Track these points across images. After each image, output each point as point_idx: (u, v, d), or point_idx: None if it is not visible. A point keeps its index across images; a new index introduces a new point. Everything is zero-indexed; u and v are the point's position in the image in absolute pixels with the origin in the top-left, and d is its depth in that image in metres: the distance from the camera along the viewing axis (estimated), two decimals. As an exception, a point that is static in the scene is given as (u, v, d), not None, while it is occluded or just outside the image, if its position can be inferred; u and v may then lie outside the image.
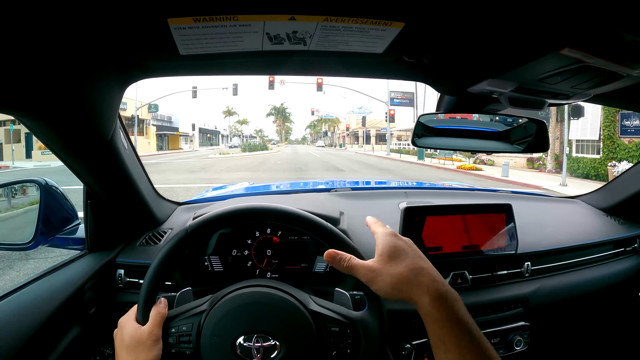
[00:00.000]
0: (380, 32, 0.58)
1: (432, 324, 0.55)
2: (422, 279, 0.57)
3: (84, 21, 0.50)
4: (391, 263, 0.60)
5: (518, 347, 1.08)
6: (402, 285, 0.58)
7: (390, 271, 0.59)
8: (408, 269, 0.59)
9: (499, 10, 0.53)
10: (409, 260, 0.60)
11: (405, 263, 0.60)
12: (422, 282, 0.57)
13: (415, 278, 0.58)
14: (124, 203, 1.02)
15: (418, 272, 0.58)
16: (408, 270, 0.58)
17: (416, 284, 0.57)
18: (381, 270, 0.60)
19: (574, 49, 0.56)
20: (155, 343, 0.66)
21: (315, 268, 1.03)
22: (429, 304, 0.55)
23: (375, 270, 0.60)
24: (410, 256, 0.61)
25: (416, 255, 0.62)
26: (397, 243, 0.63)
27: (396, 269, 0.59)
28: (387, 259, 0.61)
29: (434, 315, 0.55)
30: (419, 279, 0.57)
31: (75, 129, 0.71)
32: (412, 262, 0.60)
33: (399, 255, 0.61)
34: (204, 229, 0.74)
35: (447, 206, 1.07)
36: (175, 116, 46.62)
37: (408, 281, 0.58)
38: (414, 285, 0.57)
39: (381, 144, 45.40)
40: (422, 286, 0.57)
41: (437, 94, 0.98)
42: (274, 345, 0.67)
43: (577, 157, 14.83)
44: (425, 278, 0.58)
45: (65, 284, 0.89)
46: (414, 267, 0.59)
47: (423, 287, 0.57)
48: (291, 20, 0.54)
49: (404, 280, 0.58)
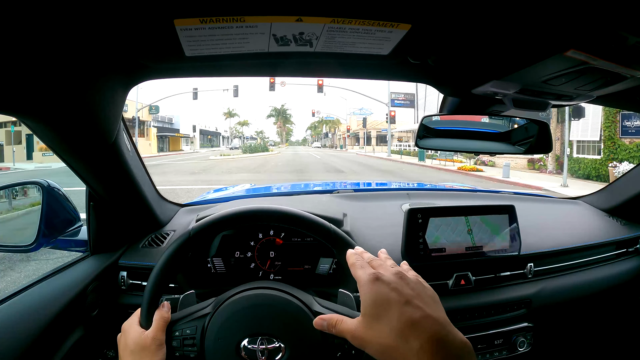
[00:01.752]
0: (386, 33, 0.58)
1: None
2: (412, 343, 0.45)
3: (89, 23, 0.50)
4: (375, 325, 0.49)
5: (521, 349, 1.08)
6: (391, 352, 0.46)
7: (375, 337, 0.48)
8: (394, 332, 0.47)
9: (505, 12, 0.53)
10: (393, 314, 0.48)
11: (389, 322, 0.47)
12: (414, 348, 0.45)
13: (404, 343, 0.45)
14: (127, 205, 1.02)
15: (406, 333, 0.46)
16: (394, 333, 0.46)
17: (405, 348, 0.45)
18: (366, 337, 0.49)
19: (578, 51, 0.56)
20: (159, 348, 0.66)
21: (318, 270, 1.03)
22: None
23: (361, 337, 0.50)
24: (395, 307, 0.48)
25: (402, 301, 0.49)
26: (378, 292, 0.50)
27: (381, 334, 0.48)
28: (370, 319, 0.50)
29: None
30: (409, 344, 0.45)
31: (79, 130, 0.70)
32: (397, 319, 0.47)
33: (382, 311, 0.49)
34: (207, 231, 0.74)
35: (451, 207, 1.07)
36: (176, 118, 46.68)
37: (396, 348, 0.46)
38: (404, 350, 0.45)
39: (382, 145, 45.39)
40: (411, 350, 0.45)
41: (437, 95, 0.98)
42: (278, 348, 0.67)
43: (577, 157, 14.81)
44: (416, 341, 0.45)
45: (68, 286, 0.89)
46: (400, 326, 0.46)
47: (412, 351, 0.44)
48: (298, 21, 0.54)
49: (392, 345, 0.46)
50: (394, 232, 1.08)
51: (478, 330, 1.03)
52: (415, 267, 1.02)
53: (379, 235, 1.12)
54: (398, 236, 1.05)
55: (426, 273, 1.05)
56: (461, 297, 1.05)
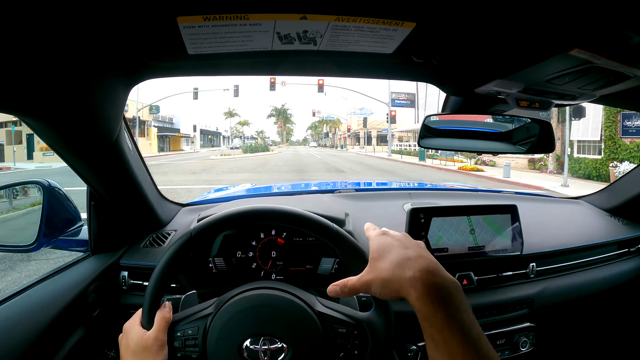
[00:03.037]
0: (391, 32, 0.58)
1: (421, 321, 0.50)
2: (407, 272, 0.53)
3: (91, 20, 0.50)
4: (378, 264, 0.57)
5: (524, 349, 1.08)
6: (390, 284, 0.54)
7: (378, 272, 0.57)
8: (392, 265, 0.55)
9: (510, 11, 0.53)
10: (393, 254, 0.57)
11: (389, 259, 0.56)
12: (407, 276, 0.52)
13: (400, 272, 0.53)
14: (128, 204, 1.02)
15: (403, 265, 0.54)
16: (392, 265, 0.55)
17: (402, 279, 0.53)
18: (370, 277, 0.58)
19: (583, 50, 0.56)
20: (161, 348, 0.65)
21: (320, 269, 1.02)
22: (416, 299, 0.51)
23: (367, 278, 0.58)
24: (395, 249, 0.58)
25: (402, 246, 0.58)
26: (383, 241, 0.60)
27: (382, 270, 0.56)
28: (374, 261, 0.59)
29: (423, 312, 0.50)
30: (404, 273, 0.53)
31: (81, 130, 0.70)
32: (396, 256, 0.56)
33: (385, 253, 0.58)
34: (209, 231, 0.73)
35: (453, 207, 1.06)
36: (176, 117, 46.66)
37: (394, 278, 0.54)
38: (401, 281, 0.53)
39: (382, 145, 45.39)
40: (407, 280, 0.52)
41: (438, 95, 0.98)
42: (281, 348, 0.67)
43: (578, 157, 14.80)
44: (410, 270, 0.53)
45: (69, 286, 0.88)
46: (398, 260, 0.55)
47: (408, 282, 0.52)
48: (302, 19, 0.53)
49: (390, 277, 0.54)
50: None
51: None
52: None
53: None
54: None
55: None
56: None
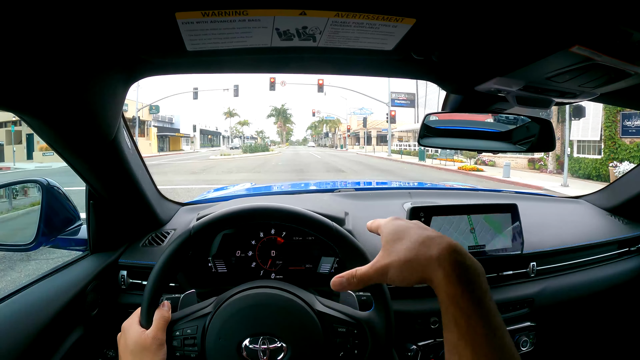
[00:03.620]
0: (391, 28, 0.58)
1: (446, 303, 0.46)
2: (432, 250, 0.49)
3: (89, 17, 0.50)
4: (397, 246, 0.52)
5: (524, 348, 1.08)
6: (412, 264, 0.49)
7: (397, 256, 0.51)
8: (416, 244, 0.50)
9: (510, 7, 0.52)
10: (413, 234, 0.52)
11: (410, 239, 0.52)
12: (434, 255, 0.48)
13: (426, 251, 0.49)
14: (127, 203, 1.02)
15: (427, 243, 0.50)
16: (416, 245, 0.50)
17: (427, 257, 0.49)
18: (386, 261, 0.52)
19: (583, 47, 0.56)
20: (160, 347, 0.65)
21: (320, 269, 1.02)
22: (443, 278, 0.46)
23: (382, 265, 0.52)
24: (414, 230, 0.54)
25: (420, 227, 0.55)
26: (398, 224, 0.56)
27: (401, 251, 0.51)
28: (391, 244, 0.53)
29: (450, 293, 0.45)
30: (429, 252, 0.49)
31: (79, 128, 0.70)
32: (417, 236, 0.52)
33: (403, 234, 0.53)
34: (208, 229, 0.73)
35: (453, 206, 1.06)
36: (176, 117, 46.67)
37: (417, 257, 0.49)
38: (425, 260, 0.49)
39: (382, 145, 45.40)
40: (434, 259, 0.48)
41: (438, 94, 0.98)
42: (280, 347, 0.66)
43: (578, 157, 14.80)
44: (436, 249, 0.48)
45: (68, 286, 0.88)
46: (421, 239, 0.51)
47: (435, 260, 0.48)
48: (302, 15, 0.53)
49: (413, 257, 0.50)
50: None
51: None
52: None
53: None
54: None
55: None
56: None
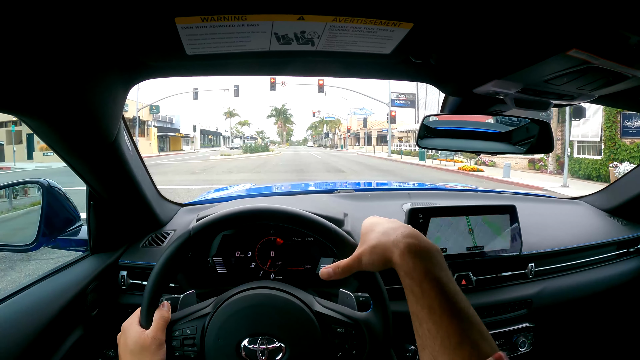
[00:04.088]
0: (388, 32, 0.58)
1: (402, 277, 0.55)
2: (391, 237, 0.58)
3: (90, 21, 0.50)
4: (367, 237, 0.63)
5: (522, 349, 1.08)
6: (377, 250, 0.60)
7: (367, 244, 0.62)
8: (379, 234, 0.61)
9: (507, 11, 0.53)
10: (380, 226, 0.63)
11: (377, 230, 0.62)
12: (391, 239, 0.58)
13: (386, 238, 0.59)
14: (127, 204, 1.02)
15: (388, 232, 0.60)
16: (379, 234, 0.61)
17: (387, 242, 0.58)
18: (361, 249, 0.63)
19: (581, 50, 0.56)
20: (159, 347, 0.65)
21: (319, 269, 1.02)
22: (399, 256, 0.56)
23: (358, 252, 0.63)
24: (383, 223, 0.64)
25: (389, 221, 0.64)
26: (372, 220, 0.67)
27: (370, 238, 0.62)
28: (364, 236, 0.64)
29: (404, 268, 0.55)
30: (389, 238, 0.59)
31: (80, 129, 0.70)
32: (383, 227, 0.62)
33: (373, 227, 0.64)
34: (207, 230, 0.73)
35: (452, 207, 1.06)
36: (176, 117, 46.65)
37: (379, 243, 0.59)
38: (386, 244, 0.58)
39: (382, 145, 45.37)
40: (391, 243, 0.58)
41: (438, 95, 0.98)
42: (279, 348, 0.67)
43: (578, 158, 14.80)
44: (393, 235, 0.58)
45: (68, 286, 0.88)
46: (384, 230, 0.61)
47: (392, 244, 0.57)
48: (300, 20, 0.54)
49: (377, 244, 0.60)
50: None
51: None
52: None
53: None
54: None
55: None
56: None
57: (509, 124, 0.99)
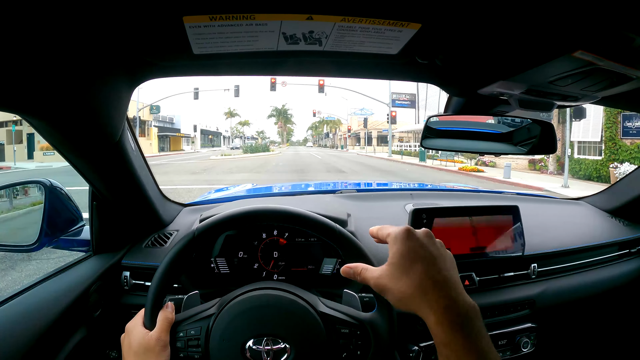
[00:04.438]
0: (396, 33, 0.58)
1: (438, 345, 0.50)
2: (429, 295, 0.51)
3: (96, 20, 0.50)
4: (399, 274, 0.54)
5: (525, 349, 1.08)
6: (408, 301, 0.53)
7: (397, 285, 0.53)
8: (415, 283, 0.52)
9: (514, 12, 0.53)
10: (419, 270, 0.53)
11: (413, 275, 0.53)
12: (428, 298, 0.51)
13: (422, 294, 0.51)
14: (130, 204, 1.02)
15: (426, 287, 0.52)
16: (415, 284, 0.52)
17: (422, 300, 0.51)
18: (389, 284, 0.54)
19: (586, 52, 0.56)
20: (164, 349, 0.65)
21: (322, 270, 1.02)
22: (434, 323, 0.49)
23: (384, 284, 0.55)
24: (420, 263, 0.54)
25: (428, 258, 0.54)
26: (409, 246, 0.55)
27: (403, 284, 0.53)
28: (396, 269, 0.54)
29: (442, 338, 0.49)
30: (426, 295, 0.51)
31: (84, 129, 0.70)
32: (421, 275, 0.53)
33: (410, 265, 0.54)
34: (211, 231, 0.73)
35: (455, 208, 1.06)
36: (177, 117, 46.69)
37: (414, 297, 0.52)
38: (420, 301, 0.51)
39: (383, 146, 45.36)
40: (427, 302, 0.51)
41: (439, 95, 0.98)
42: (283, 348, 0.67)
43: (578, 158, 14.80)
44: (432, 294, 0.51)
45: (71, 287, 0.88)
46: (423, 282, 0.52)
47: (427, 304, 0.50)
48: (309, 19, 0.54)
49: (409, 295, 0.52)
50: None
51: None
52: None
53: None
54: None
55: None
56: None
57: (512, 124, 0.99)
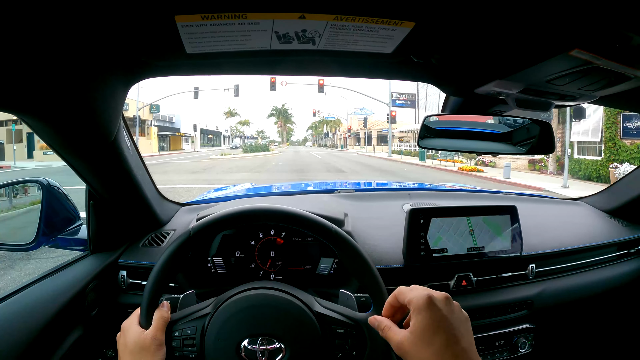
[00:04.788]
0: (390, 31, 0.58)
1: None
2: None
3: (89, 19, 0.50)
4: (421, 344, 0.55)
5: (523, 350, 1.07)
6: None
7: (419, 354, 0.54)
8: (436, 355, 0.53)
9: (510, 11, 0.52)
10: (441, 341, 0.54)
11: (435, 347, 0.53)
12: None
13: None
14: (127, 204, 1.02)
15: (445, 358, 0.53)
16: (436, 355, 0.53)
17: None
18: (411, 351, 0.55)
19: (583, 50, 0.56)
20: (159, 348, 0.65)
21: (319, 270, 1.02)
22: None
23: (406, 350, 0.56)
24: (444, 336, 0.54)
25: (451, 331, 0.55)
26: (432, 318, 0.56)
27: (425, 352, 0.54)
28: (418, 339, 0.55)
29: None
30: None
31: (79, 129, 0.70)
32: (442, 346, 0.53)
33: (432, 335, 0.54)
34: (207, 230, 0.73)
35: (452, 208, 1.06)
36: (176, 117, 46.61)
37: None
38: None
39: (382, 145, 45.35)
40: None
41: (439, 95, 0.98)
42: (279, 348, 0.66)
43: (578, 158, 14.81)
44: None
45: (68, 285, 0.88)
46: (443, 353, 0.53)
47: None
48: (301, 18, 0.53)
49: None
50: (396, 233, 1.08)
51: (479, 331, 1.03)
52: (417, 268, 1.03)
53: (381, 235, 1.12)
54: (399, 236, 1.05)
55: (427, 274, 1.05)
56: (462, 298, 1.04)
57: (510, 124, 0.99)
